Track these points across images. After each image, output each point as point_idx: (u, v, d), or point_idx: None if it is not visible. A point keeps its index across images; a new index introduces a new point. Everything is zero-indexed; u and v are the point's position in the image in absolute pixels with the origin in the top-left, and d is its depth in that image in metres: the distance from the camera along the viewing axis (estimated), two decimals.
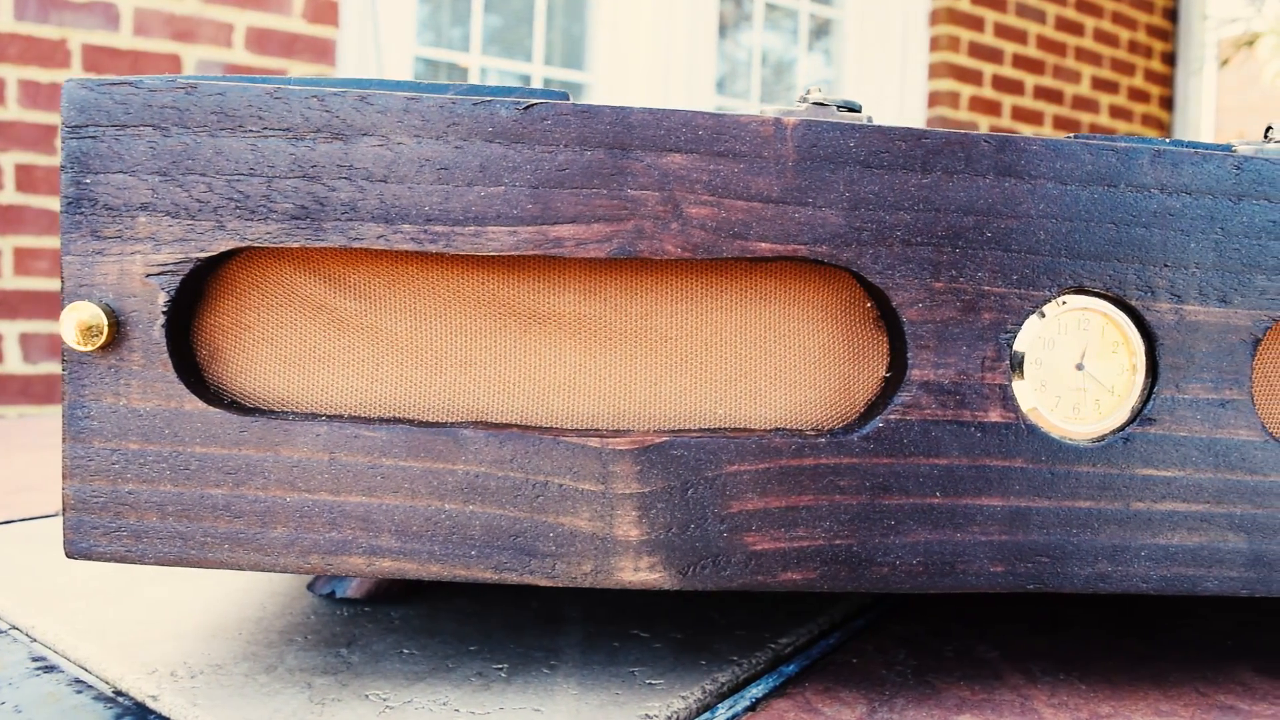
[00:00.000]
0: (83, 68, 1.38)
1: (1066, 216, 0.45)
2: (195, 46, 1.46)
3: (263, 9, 1.52)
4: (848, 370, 0.46)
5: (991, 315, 0.44)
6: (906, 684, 0.48)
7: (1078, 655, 0.53)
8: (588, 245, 0.43)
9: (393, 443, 0.43)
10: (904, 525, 0.44)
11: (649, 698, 0.46)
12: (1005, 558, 0.45)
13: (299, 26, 1.55)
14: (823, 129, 0.43)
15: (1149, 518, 0.46)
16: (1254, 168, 0.46)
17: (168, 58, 1.44)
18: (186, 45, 1.45)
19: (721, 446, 0.44)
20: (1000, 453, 0.45)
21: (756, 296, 0.46)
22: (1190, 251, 0.45)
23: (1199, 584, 0.46)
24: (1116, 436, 0.45)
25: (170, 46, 1.44)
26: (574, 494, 0.43)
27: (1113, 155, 0.45)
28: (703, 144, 0.43)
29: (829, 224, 0.43)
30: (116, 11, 1.40)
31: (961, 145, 0.44)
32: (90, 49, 1.38)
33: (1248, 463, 0.46)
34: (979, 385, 0.44)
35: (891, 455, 0.44)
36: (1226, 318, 0.46)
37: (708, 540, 0.43)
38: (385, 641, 0.51)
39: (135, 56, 1.41)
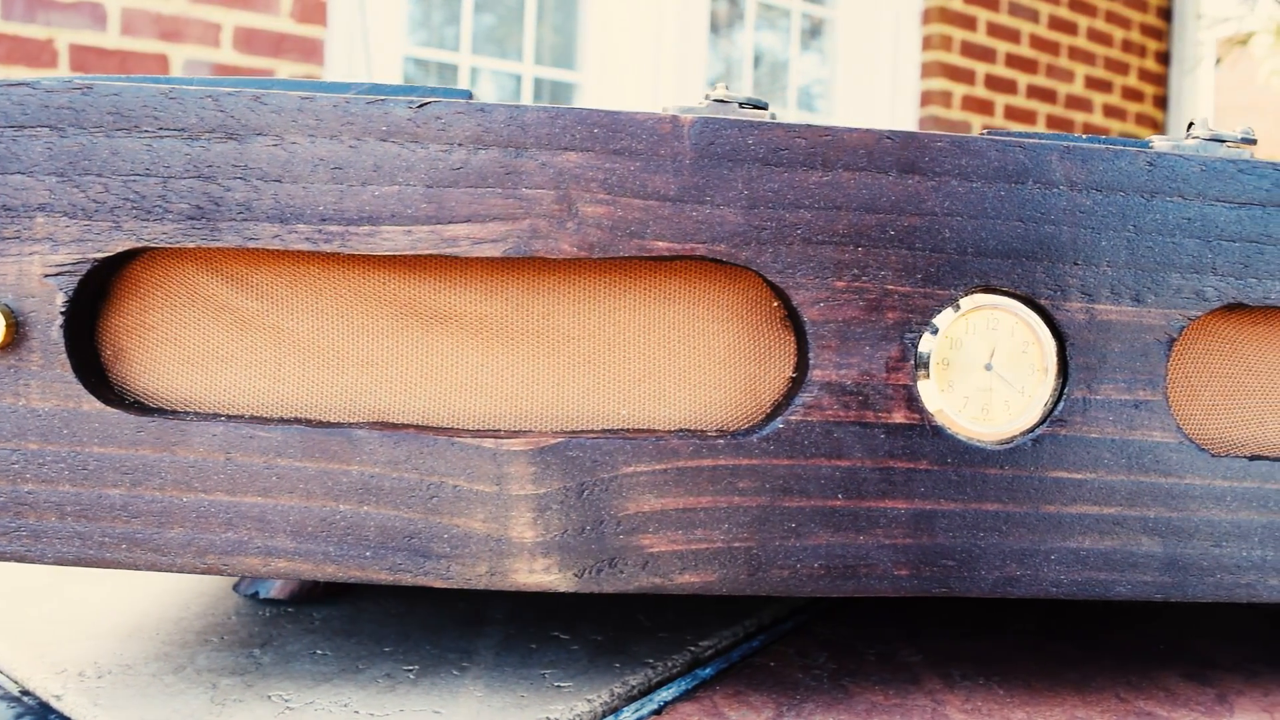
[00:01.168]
0: (70, 67, 1.39)
1: (972, 214, 0.44)
2: (183, 46, 1.47)
3: (250, 9, 1.52)
4: (754, 370, 0.46)
5: (896, 315, 0.44)
6: (820, 688, 0.48)
7: (1003, 659, 0.53)
8: (483, 245, 0.43)
9: (288, 443, 0.43)
10: (805, 528, 0.44)
11: (554, 700, 0.45)
12: (910, 561, 0.44)
13: (287, 26, 1.55)
14: (720, 126, 0.43)
15: (1059, 521, 0.45)
16: (1167, 164, 0.45)
17: (155, 57, 1.45)
18: (174, 45, 1.46)
19: (618, 448, 0.43)
20: (905, 455, 0.44)
21: (660, 296, 0.46)
22: (1102, 249, 0.45)
23: (1111, 588, 0.45)
24: (1026, 438, 0.45)
25: (158, 46, 1.45)
26: (468, 495, 0.43)
27: (1020, 152, 0.44)
28: (598, 142, 0.42)
29: (727, 222, 0.43)
30: (104, 11, 1.41)
31: (863, 142, 0.43)
32: (77, 49, 1.39)
33: (1162, 465, 0.45)
34: (883, 386, 0.44)
35: (792, 456, 0.43)
36: (1139, 317, 0.45)
37: (604, 542, 0.43)
38: (301, 642, 0.51)
39: (123, 56, 1.42)
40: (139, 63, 1.43)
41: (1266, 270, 0.46)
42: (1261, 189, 0.45)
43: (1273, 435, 0.49)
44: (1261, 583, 0.47)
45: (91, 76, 0.43)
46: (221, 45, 1.50)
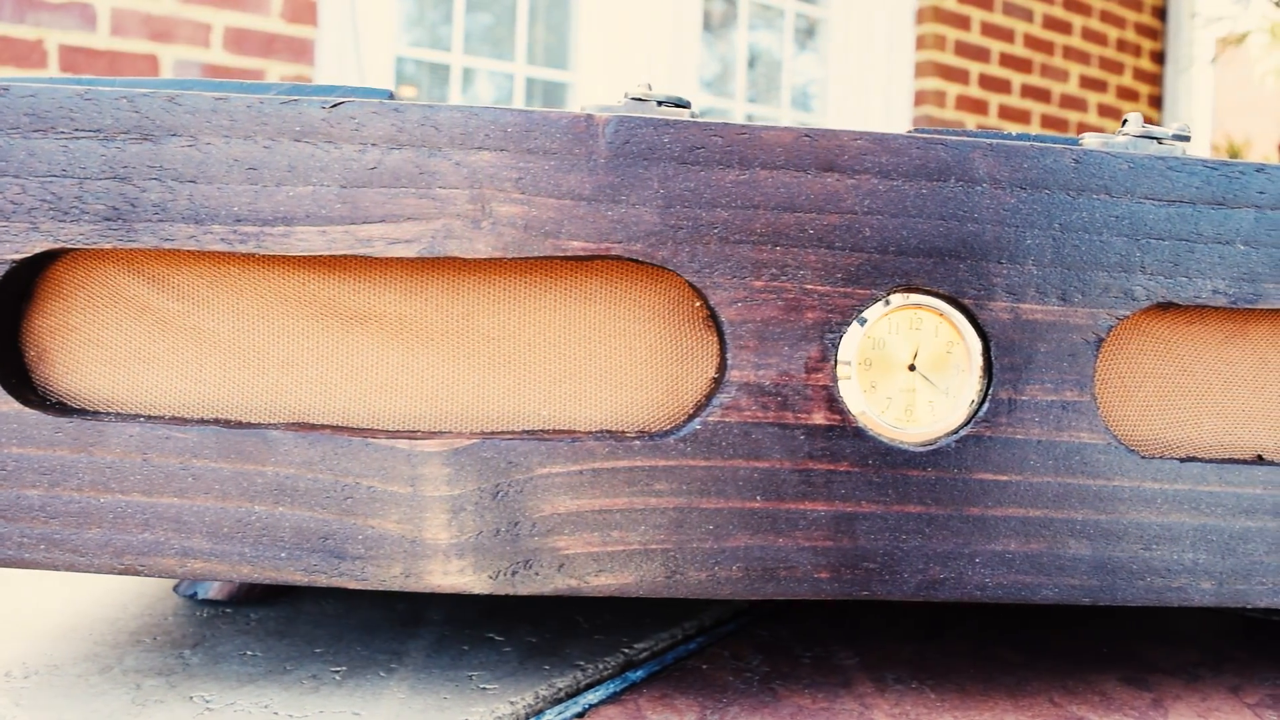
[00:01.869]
0: (59, 68, 1.39)
1: (893, 213, 0.43)
2: (172, 47, 1.48)
3: (240, 9, 1.53)
4: (676, 371, 0.45)
5: (816, 315, 0.43)
6: (749, 691, 0.47)
7: (940, 663, 0.52)
8: (397, 245, 0.42)
9: (203, 444, 0.43)
10: (723, 530, 0.43)
11: (476, 702, 0.45)
12: (831, 564, 0.44)
13: (277, 26, 1.56)
14: (636, 125, 0.42)
15: (984, 523, 0.44)
16: (1094, 162, 0.44)
17: (145, 58, 1.46)
18: (164, 45, 1.47)
19: (532, 449, 0.43)
20: (826, 456, 0.43)
21: (581, 296, 0.45)
22: (1027, 248, 0.44)
23: (1038, 591, 0.45)
24: (950, 439, 0.44)
25: (147, 47, 1.46)
26: (383, 497, 0.43)
27: (942, 150, 0.43)
28: (512, 141, 0.42)
29: (643, 222, 0.43)
30: (93, 12, 1.42)
31: (780, 141, 0.43)
32: (67, 49, 1.40)
33: (1090, 467, 0.45)
34: (802, 387, 0.43)
35: (709, 458, 0.43)
36: (1066, 316, 0.44)
37: (518, 544, 0.43)
38: (233, 643, 0.51)
39: (112, 57, 1.43)
40: (129, 63, 1.44)
41: (1197, 269, 0.45)
42: (1191, 186, 0.45)
43: (1208, 436, 0.48)
44: (1193, 586, 0.46)
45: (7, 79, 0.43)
46: (211, 46, 1.51)
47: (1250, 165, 0.45)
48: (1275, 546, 0.46)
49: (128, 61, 1.44)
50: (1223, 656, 0.55)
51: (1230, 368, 0.48)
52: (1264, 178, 0.45)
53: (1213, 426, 0.48)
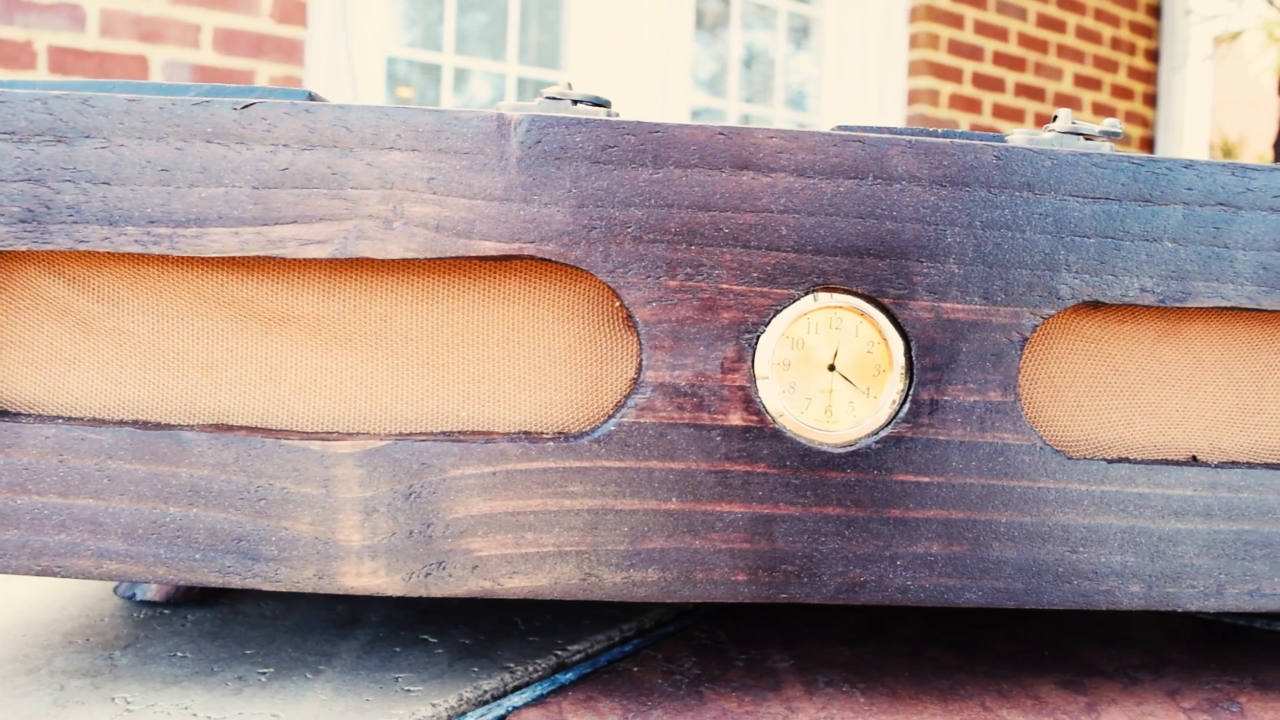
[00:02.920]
0: (49, 69, 1.40)
1: (810, 211, 0.43)
2: (162, 47, 1.48)
3: (230, 9, 1.53)
4: (596, 371, 0.45)
5: (732, 315, 0.43)
6: (676, 695, 0.47)
7: (876, 665, 0.51)
8: (309, 246, 0.42)
9: (119, 445, 0.43)
10: (638, 532, 0.43)
11: (398, 705, 0.45)
12: (748, 567, 0.43)
13: (267, 27, 1.56)
14: (548, 124, 0.42)
15: (906, 525, 0.44)
16: (1016, 158, 0.43)
17: (134, 59, 1.47)
18: (153, 46, 1.48)
19: (445, 450, 0.43)
20: (743, 457, 0.43)
21: (500, 296, 0.45)
22: (948, 246, 0.43)
23: (961, 594, 0.44)
24: (871, 440, 0.44)
25: (137, 48, 1.46)
26: (296, 498, 0.42)
27: (860, 147, 0.43)
28: (423, 141, 0.42)
29: (555, 221, 0.42)
30: (82, 12, 1.42)
31: (694, 139, 0.42)
32: (56, 50, 1.41)
33: (1014, 468, 0.44)
34: (718, 387, 0.43)
35: (624, 459, 0.43)
36: (989, 316, 0.44)
37: (431, 545, 0.43)
38: (165, 644, 0.51)
39: (101, 58, 1.44)
40: (118, 64, 1.45)
41: (1124, 267, 0.44)
42: (1117, 183, 0.44)
43: (1141, 437, 0.47)
44: (1122, 589, 0.45)
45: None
46: (201, 46, 1.51)
47: (1178, 161, 0.45)
48: (1206, 549, 0.46)
49: (117, 62, 1.45)
50: (1166, 659, 0.54)
51: (1163, 367, 0.48)
52: (1192, 174, 0.45)
53: (1146, 427, 0.47)
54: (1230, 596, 0.46)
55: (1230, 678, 0.52)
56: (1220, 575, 0.46)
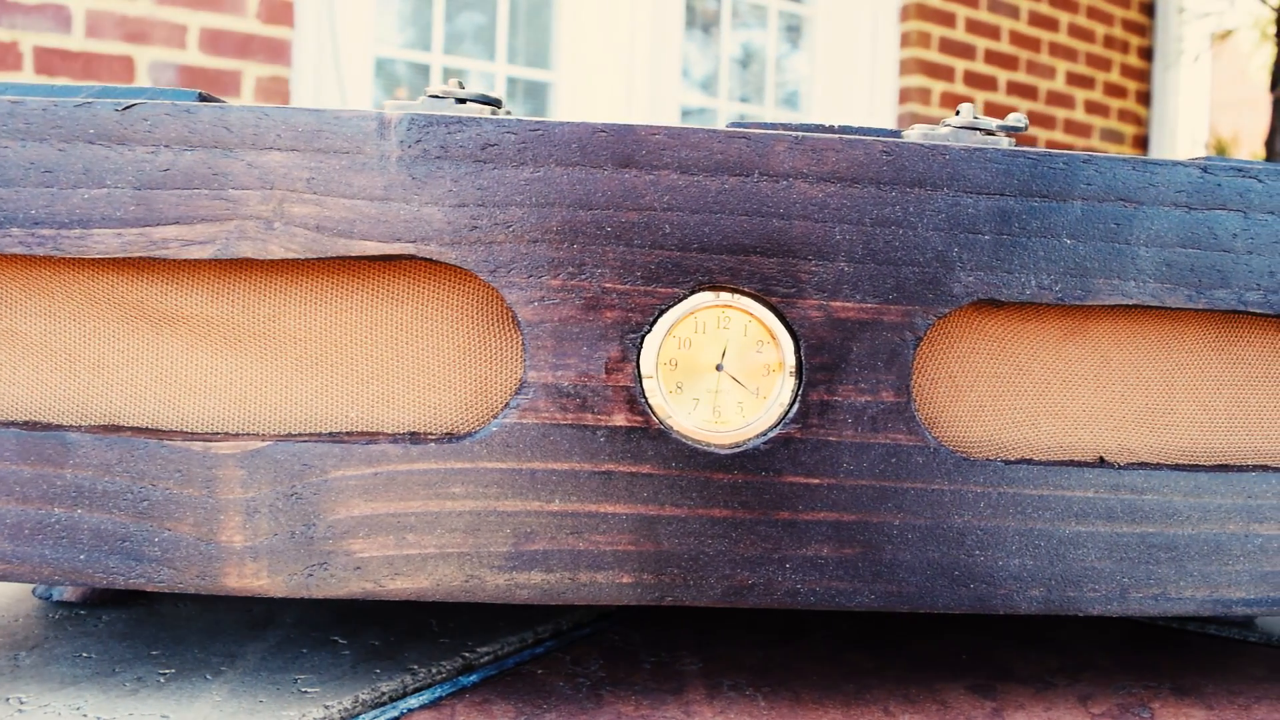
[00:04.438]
0: (34, 70, 1.41)
1: (695, 209, 0.42)
2: (148, 48, 1.49)
3: (216, 10, 1.54)
4: (485, 372, 0.45)
5: (615, 314, 0.42)
6: (574, 698, 0.47)
7: (787, 668, 0.51)
8: (191, 246, 0.42)
9: (4, 446, 0.43)
10: (521, 534, 0.42)
11: (290, 706, 0.45)
12: (633, 569, 0.43)
13: (253, 27, 1.57)
14: (428, 123, 0.42)
15: (796, 527, 0.43)
16: (907, 154, 0.43)
17: (120, 59, 1.47)
18: (139, 47, 1.49)
19: (326, 451, 0.42)
20: (627, 458, 0.43)
21: (389, 297, 0.45)
22: (837, 244, 0.43)
23: (853, 598, 0.44)
24: (759, 441, 0.43)
25: (123, 48, 1.47)
26: (179, 499, 0.42)
27: (745, 143, 0.42)
28: (303, 141, 0.42)
29: (435, 221, 0.42)
30: (68, 13, 1.43)
31: (575, 136, 0.42)
32: (42, 51, 1.42)
33: (908, 469, 0.43)
34: (602, 388, 0.42)
35: (507, 460, 0.42)
36: (880, 314, 0.43)
37: (313, 547, 0.42)
38: (73, 645, 0.51)
39: (87, 59, 1.45)
40: (104, 65, 1.46)
41: (1020, 264, 0.44)
42: (1013, 179, 0.43)
43: (1047, 438, 0.46)
44: (1020, 593, 0.44)
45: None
46: (187, 47, 1.52)
47: (1077, 156, 0.44)
48: (1108, 552, 0.45)
49: (103, 63, 1.46)
50: (1086, 663, 0.53)
51: (1070, 366, 0.47)
52: (1091, 169, 0.44)
53: (1051, 427, 0.47)
54: (1134, 601, 0.45)
55: (1148, 682, 0.51)
56: (1123, 579, 0.45)
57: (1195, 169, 0.45)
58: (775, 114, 2.19)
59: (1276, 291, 0.45)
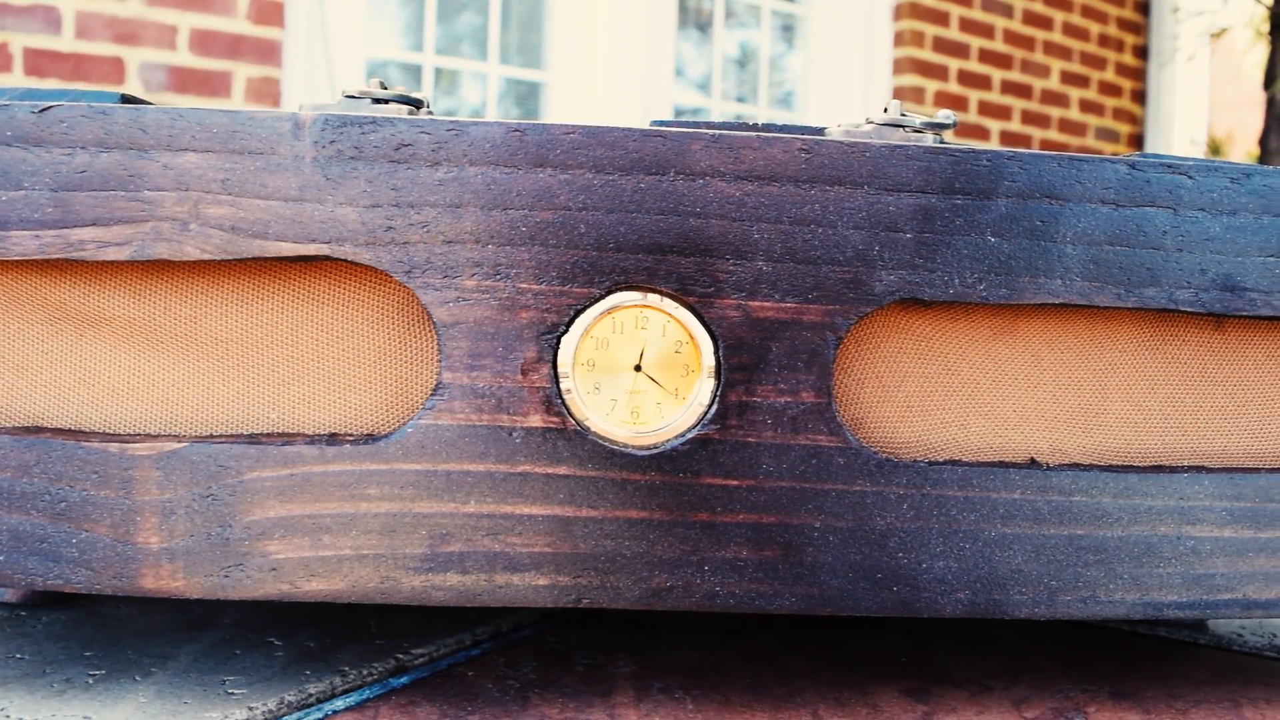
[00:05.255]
0: (24, 71, 1.42)
1: (610, 209, 0.42)
2: (138, 49, 1.50)
3: (206, 10, 1.55)
4: (406, 373, 0.44)
5: (531, 315, 0.42)
6: (500, 700, 0.46)
7: (722, 671, 0.50)
8: (108, 248, 0.42)
9: None
10: (437, 535, 0.42)
11: (215, 707, 0.45)
12: (549, 571, 0.43)
13: (244, 28, 1.57)
14: (342, 124, 0.42)
15: (714, 530, 0.43)
16: (825, 152, 0.42)
17: (110, 60, 1.48)
18: (129, 48, 1.49)
19: (242, 452, 0.42)
20: (544, 459, 0.42)
21: (309, 298, 0.44)
22: (756, 243, 0.42)
23: (774, 601, 0.43)
24: (677, 442, 0.43)
25: (113, 49, 1.48)
26: (96, 500, 0.42)
27: (660, 142, 0.42)
28: (218, 142, 0.42)
29: (349, 222, 0.42)
30: (58, 14, 1.44)
31: (489, 137, 0.42)
32: (31, 52, 1.43)
33: (829, 471, 0.43)
34: (518, 388, 0.42)
35: (422, 461, 0.42)
36: (800, 314, 0.43)
37: (229, 548, 0.42)
38: (7, 646, 0.51)
39: (77, 60, 1.46)
40: (94, 66, 1.47)
41: (943, 263, 0.43)
42: (935, 176, 0.43)
43: (977, 439, 0.46)
44: (946, 596, 0.44)
45: None
46: (178, 48, 1.53)
47: (1002, 153, 0.43)
48: (1036, 555, 0.44)
49: (93, 64, 1.47)
50: (1028, 666, 0.52)
51: (1000, 366, 0.46)
52: (1016, 166, 0.43)
53: (981, 428, 0.46)
54: (1063, 604, 0.44)
55: (1088, 685, 0.50)
56: (1051, 582, 0.44)
57: (1123, 165, 0.44)
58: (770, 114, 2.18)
59: (1208, 290, 0.45)
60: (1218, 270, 0.45)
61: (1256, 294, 0.45)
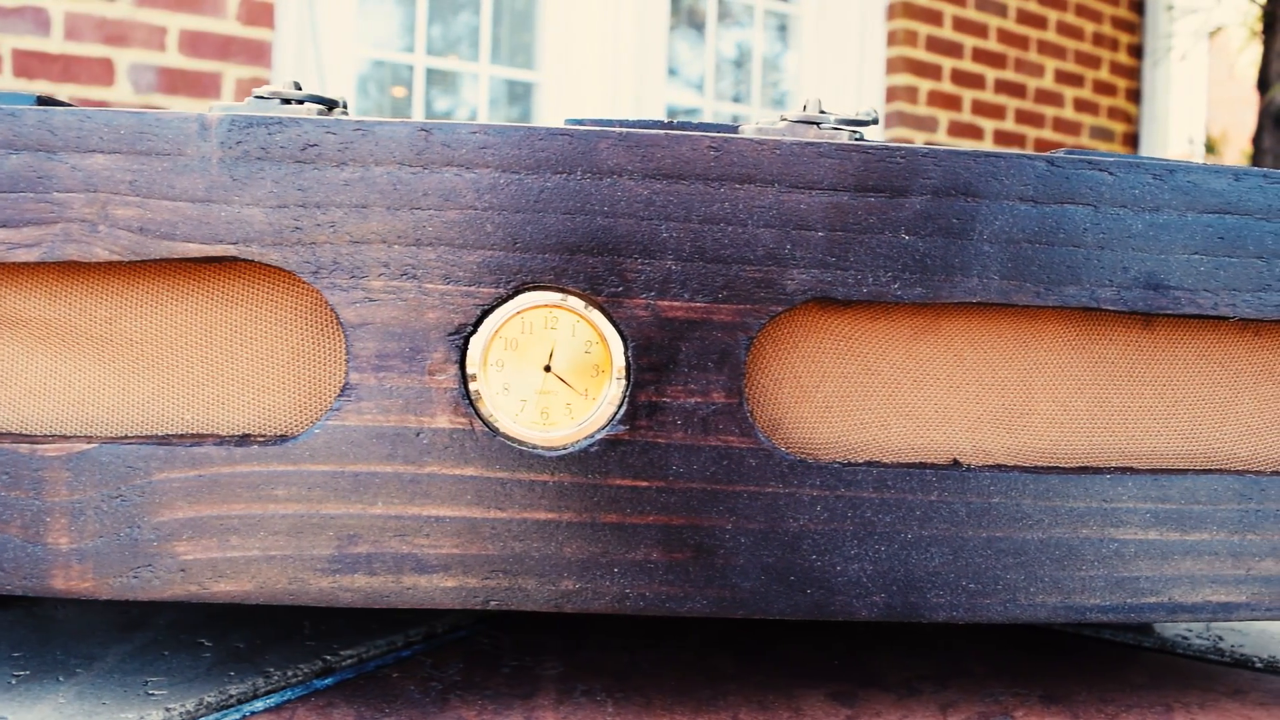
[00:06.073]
0: (13, 73, 1.43)
1: (517, 208, 0.42)
2: (127, 50, 1.51)
3: (196, 11, 1.55)
4: (319, 374, 0.44)
5: (438, 315, 0.42)
6: (420, 702, 0.46)
7: (648, 674, 0.50)
8: (17, 250, 0.42)
9: None
10: (344, 536, 0.42)
11: (132, 708, 0.45)
12: (457, 572, 0.42)
13: (233, 29, 1.58)
14: (248, 124, 0.41)
15: (624, 531, 0.42)
16: (735, 149, 0.42)
17: (100, 62, 1.49)
18: (118, 49, 1.50)
19: (151, 454, 0.42)
20: (452, 460, 0.42)
21: (223, 299, 0.44)
22: (664, 242, 0.42)
23: (685, 603, 0.43)
24: (586, 443, 0.42)
25: (102, 51, 1.49)
26: (6, 501, 0.42)
27: (567, 141, 0.41)
28: (125, 144, 0.42)
29: (256, 222, 0.42)
30: (47, 16, 1.45)
31: (395, 137, 0.41)
32: (20, 54, 1.44)
33: (740, 472, 0.43)
34: (425, 389, 0.42)
35: (330, 462, 0.42)
36: (710, 314, 0.42)
37: (138, 549, 0.42)
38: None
39: (67, 61, 1.47)
40: (83, 67, 1.47)
41: (856, 261, 0.43)
42: (847, 174, 0.42)
43: (898, 439, 0.45)
44: (861, 600, 0.43)
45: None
46: (167, 49, 1.54)
47: (917, 150, 0.43)
48: (954, 558, 0.44)
49: (82, 66, 1.48)
50: (961, 669, 0.52)
51: (921, 366, 0.45)
52: (931, 162, 0.43)
53: (903, 429, 0.45)
54: (982, 608, 0.44)
55: (1019, 689, 0.49)
56: (970, 585, 0.44)
57: (1042, 162, 0.43)
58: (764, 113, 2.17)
59: (1131, 288, 0.44)
60: (1140, 268, 0.44)
61: (1181, 292, 0.44)
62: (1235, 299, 0.45)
